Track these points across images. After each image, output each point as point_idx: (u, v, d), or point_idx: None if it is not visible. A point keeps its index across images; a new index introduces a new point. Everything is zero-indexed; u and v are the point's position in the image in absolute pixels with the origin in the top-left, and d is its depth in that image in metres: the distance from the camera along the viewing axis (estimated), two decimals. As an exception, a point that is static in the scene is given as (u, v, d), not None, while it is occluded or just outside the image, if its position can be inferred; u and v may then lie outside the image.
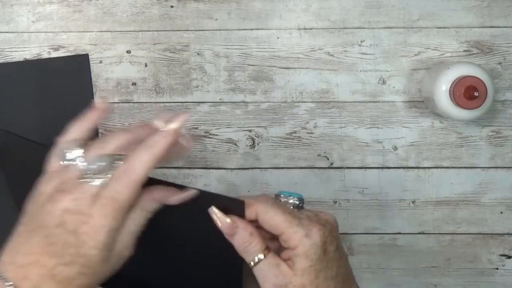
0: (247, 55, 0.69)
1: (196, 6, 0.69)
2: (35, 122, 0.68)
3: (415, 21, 0.68)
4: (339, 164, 0.69)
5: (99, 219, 0.40)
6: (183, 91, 0.69)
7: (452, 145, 0.68)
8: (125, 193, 0.40)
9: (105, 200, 0.40)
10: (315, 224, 0.45)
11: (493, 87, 0.61)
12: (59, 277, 0.39)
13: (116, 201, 0.40)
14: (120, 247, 0.42)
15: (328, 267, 0.44)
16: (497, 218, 0.69)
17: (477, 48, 0.68)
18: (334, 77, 0.68)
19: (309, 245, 0.44)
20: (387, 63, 0.68)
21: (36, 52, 0.69)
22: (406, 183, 0.69)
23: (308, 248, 0.44)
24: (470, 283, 0.70)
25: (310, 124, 0.69)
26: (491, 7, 0.68)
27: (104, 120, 0.69)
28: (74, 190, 0.41)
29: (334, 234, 0.46)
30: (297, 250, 0.44)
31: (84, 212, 0.40)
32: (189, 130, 0.69)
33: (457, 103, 0.60)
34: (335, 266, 0.45)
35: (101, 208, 0.40)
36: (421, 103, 0.68)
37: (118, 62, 0.69)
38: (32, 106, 0.68)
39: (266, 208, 0.45)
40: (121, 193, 0.40)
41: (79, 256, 0.40)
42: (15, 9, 0.69)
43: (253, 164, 0.69)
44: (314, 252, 0.44)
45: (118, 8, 0.69)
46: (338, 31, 0.68)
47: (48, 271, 0.39)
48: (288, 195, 0.49)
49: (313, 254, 0.44)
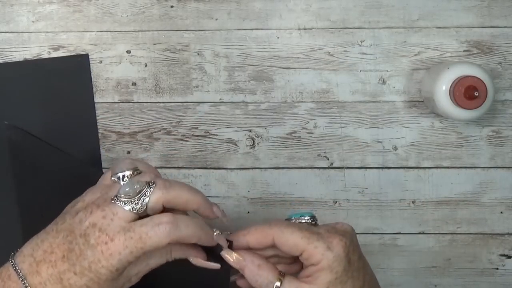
0: (247, 55, 0.69)
1: (196, 6, 0.69)
2: (35, 122, 0.68)
3: (415, 21, 0.68)
4: (339, 164, 0.69)
5: (119, 247, 0.41)
6: (183, 91, 0.69)
7: (452, 145, 0.68)
8: (154, 241, 0.41)
9: (133, 234, 0.41)
10: (335, 235, 0.44)
11: (493, 87, 0.61)
12: (66, 282, 0.41)
13: (142, 242, 0.41)
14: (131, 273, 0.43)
15: (354, 277, 0.44)
16: (497, 218, 0.69)
17: (477, 48, 0.68)
18: (334, 77, 0.68)
19: (333, 257, 0.43)
20: (387, 63, 0.68)
21: (36, 52, 0.69)
22: (406, 183, 0.69)
23: (332, 261, 0.43)
24: (470, 283, 0.70)
25: (310, 124, 0.69)
26: (491, 7, 0.68)
27: (104, 120, 0.69)
28: (106, 208, 0.42)
29: (355, 242, 0.46)
30: (321, 265, 0.43)
31: (108, 234, 0.41)
32: (189, 130, 0.69)
33: (457, 103, 0.60)
34: (361, 275, 0.45)
35: (125, 239, 0.41)
36: (421, 103, 0.68)
37: (118, 62, 0.69)
38: (32, 106, 0.68)
39: (281, 229, 0.45)
40: (150, 239, 0.41)
41: (90, 270, 0.41)
42: (15, 9, 0.69)
43: (253, 164, 0.69)
44: (338, 264, 0.43)
45: (118, 8, 0.69)
46: (338, 31, 0.68)
47: (58, 274, 0.41)
48: (300, 216, 0.48)
49: (338, 266, 0.43)
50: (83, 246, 0.41)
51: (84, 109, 0.69)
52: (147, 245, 0.41)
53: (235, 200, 0.69)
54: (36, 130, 0.68)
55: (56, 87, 0.69)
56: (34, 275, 0.42)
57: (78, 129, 0.69)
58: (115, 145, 0.69)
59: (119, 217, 0.41)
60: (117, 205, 0.42)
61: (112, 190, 0.43)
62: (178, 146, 0.69)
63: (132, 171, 0.44)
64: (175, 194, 0.43)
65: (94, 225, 0.41)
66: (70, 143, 0.68)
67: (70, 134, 0.69)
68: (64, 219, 0.43)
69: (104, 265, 0.41)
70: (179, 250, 0.45)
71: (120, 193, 0.42)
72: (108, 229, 0.41)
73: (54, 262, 0.41)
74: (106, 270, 0.41)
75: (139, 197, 0.42)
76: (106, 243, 0.41)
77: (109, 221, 0.41)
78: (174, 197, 0.43)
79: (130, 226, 0.41)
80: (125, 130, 0.69)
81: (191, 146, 0.69)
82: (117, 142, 0.69)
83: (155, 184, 0.43)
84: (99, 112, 0.69)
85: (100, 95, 0.69)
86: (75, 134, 0.69)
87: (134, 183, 0.42)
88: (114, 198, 0.42)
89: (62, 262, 0.41)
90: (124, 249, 0.41)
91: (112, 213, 0.41)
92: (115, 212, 0.41)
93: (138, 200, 0.42)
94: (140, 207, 0.42)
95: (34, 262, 0.42)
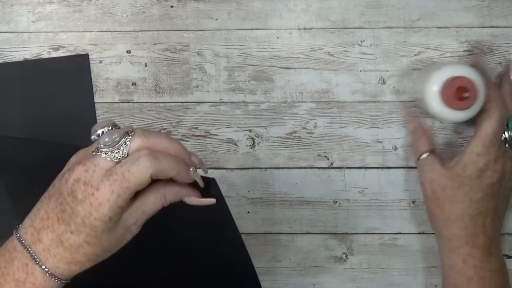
0: (247, 55, 0.69)
1: (196, 6, 0.69)
2: (35, 122, 0.68)
3: (415, 21, 0.68)
4: (339, 164, 0.69)
5: (105, 194, 0.41)
6: (183, 91, 0.69)
7: (452, 145, 0.68)
8: (137, 175, 0.41)
9: (116, 176, 0.41)
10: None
11: (484, 88, 0.61)
12: (66, 243, 0.42)
13: (126, 180, 0.41)
14: (129, 223, 0.44)
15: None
16: (497, 218, 0.69)
17: (477, 48, 0.68)
18: (334, 77, 0.68)
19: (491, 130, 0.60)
20: (387, 63, 0.68)
21: (36, 52, 0.69)
22: (406, 183, 0.69)
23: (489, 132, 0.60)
24: (470, 283, 0.70)
25: (310, 124, 0.69)
26: (491, 7, 0.68)
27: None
28: (87, 161, 0.42)
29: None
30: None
31: (93, 184, 0.41)
32: (189, 130, 0.69)
33: (448, 104, 0.60)
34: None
35: (109, 184, 0.41)
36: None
37: (118, 62, 0.69)
38: (32, 106, 0.68)
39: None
40: (133, 174, 0.41)
41: (84, 225, 0.42)
42: (15, 9, 0.69)
43: (253, 164, 0.69)
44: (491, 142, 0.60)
45: (118, 8, 0.69)
46: (338, 31, 0.68)
47: (57, 237, 0.42)
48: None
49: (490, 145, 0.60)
50: (72, 204, 0.42)
51: (84, 109, 0.69)
52: (132, 182, 0.41)
53: (235, 200, 0.69)
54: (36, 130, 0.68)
55: (56, 87, 0.69)
56: (37, 243, 0.43)
57: (78, 129, 0.69)
58: (115, 145, 0.69)
59: (100, 167, 0.42)
60: (98, 156, 0.42)
61: (92, 147, 0.44)
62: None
63: (110, 127, 0.44)
64: (154, 140, 0.43)
65: (78, 180, 0.42)
66: (70, 143, 0.68)
67: (70, 134, 0.69)
68: (53, 185, 0.44)
69: (96, 216, 0.41)
70: (172, 191, 0.45)
71: (100, 143, 0.43)
72: (92, 180, 0.41)
73: (52, 227, 0.42)
74: (99, 221, 0.41)
75: (119, 146, 0.42)
76: (92, 194, 0.41)
77: (91, 173, 0.42)
78: (153, 143, 0.43)
79: (112, 170, 0.42)
80: (125, 130, 0.69)
81: (191, 146, 0.69)
82: (117, 142, 0.69)
83: (134, 132, 0.43)
84: (99, 112, 0.69)
85: (100, 95, 0.69)
86: (75, 134, 0.69)
87: (113, 133, 0.43)
88: (94, 150, 0.43)
89: (58, 225, 0.42)
90: (111, 194, 0.41)
91: (94, 164, 0.42)
92: (97, 163, 0.42)
93: (118, 149, 0.42)
94: (122, 155, 0.42)
95: (35, 231, 0.43)
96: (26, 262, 0.43)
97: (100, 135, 0.44)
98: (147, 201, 0.44)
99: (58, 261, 0.43)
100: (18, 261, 0.43)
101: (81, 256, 0.43)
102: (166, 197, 0.45)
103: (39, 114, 0.68)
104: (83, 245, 0.42)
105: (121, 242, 0.44)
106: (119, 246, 0.45)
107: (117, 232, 0.43)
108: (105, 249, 0.44)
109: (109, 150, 0.42)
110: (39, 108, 0.68)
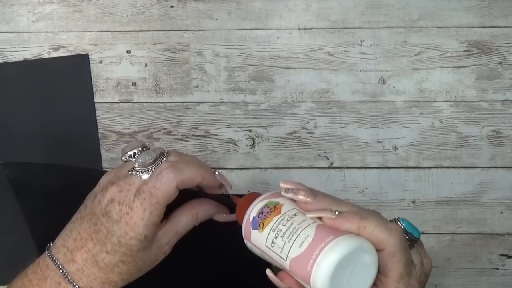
0: (247, 55, 0.69)
1: (196, 6, 0.69)
2: (35, 122, 0.68)
3: (415, 21, 0.68)
4: (339, 164, 0.69)
5: (139, 213, 0.41)
6: (183, 91, 0.69)
7: (452, 145, 0.68)
8: (163, 189, 0.42)
9: (144, 194, 0.42)
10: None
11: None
12: (101, 263, 0.42)
13: (154, 197, 0.41)
14: (162, 242, 0.44)
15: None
16: (497, 218, 0.69)
17: (477, 48, 0.68)
18: (334, 77, 0.68)
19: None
20: (387, 63, 0.68)
21: (36, 52, 0.69)
22: (406, 183, 0.69)
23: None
24: (470, 283, 0.70)
25: (310, 124, 0.69)
26: (491, 7, 0.68)
27: (105, 120, 0.69)
28: (121, 182, 0.43)
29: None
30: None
31: (127, 204, 0.42)
32: (189, 130, 0.69)
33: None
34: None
35: (140, 202, 0.41)
36: (421, 103, 0.68)
37: (118, 62, 0.69)
38: (32, 106, 0.68)
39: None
40: (159, 189, 0.42)
41: (120, 245, 0.42)
42: (15, 9, 0.69)
43: (253, 164, 0.69)
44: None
45: (118, 8, 0.69)
46: (338, 31, 0.68)
47: (92, 257, 0.42)
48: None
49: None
50: (107, 224, 0.42)
51: (84, 109, 0.69)
52: (160, 197, 0.41)
53: (235, 200, 0.69)
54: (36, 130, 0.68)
55: (56, 87, 0.69)
56: (70, 263, 0.43)
57: (78, 129, 0.69)
58: (115, 145, 0.69)
59: (135, 187, 0.42)
60: (133, 176, 0.42)
61: (125, 167, 0.44)
62: (178, 146, 0.69)
63: (141, 148, 0.45)
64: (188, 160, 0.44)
65: (112, 200, 0.42)
66: (70, 143, 0.68)
67: (70, 134, 0.69)
68: (86, 205, 0.44)
69: (132, 236, 0.41)
70: (202, 210, 0.46)
71: (135, 164, 0.43)
72: (126, 200, 0.42)
73: (86, 247, 0.42)
74: (135, 240, 0.42)
75: (155, 165, 0.43)
76: (127, 213, 0.41)
77: (126, 193, 0.42)
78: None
79: (140, 190, 0.42)
80: (125, 130, 0.69)
81: (191, 146, 0.69)
82: (117, 142, 0.69)
83: (169, 153, 0.44)
84: (99, 112, 0.69)
85: (100, 95, 0.69)
86: (75, 134, 0.69)
87: (148, 153, 0.43)
88: (130, 170, 0.43)
89: (93, 245, 0.42)
90: (144, 212, 0.41)
91: (128, 184, 0.42)
92: (132, 183, 0.42)
93: (154, 168, 0.42)
94: None
95: (68, 251, 0.43)
96: (59, 281, 0.43)
97: (132, 156, 0.44)
98: (180, 221, 0.45)
99: (92, 281, 0.43)
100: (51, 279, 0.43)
101: (115, 275, 0.43)
102: (198, 216, 0.45)
103: (39, 114, 0.68)
104: (118, 265, 0.42)
105: (154, 261, 0.45)
106: (152, 265, 0.45)
107: (151, 251, 0.44)
108: (139, 268, 0.44)
109: (144, 169, 0.43)
110: (39, 108, 0.68)
